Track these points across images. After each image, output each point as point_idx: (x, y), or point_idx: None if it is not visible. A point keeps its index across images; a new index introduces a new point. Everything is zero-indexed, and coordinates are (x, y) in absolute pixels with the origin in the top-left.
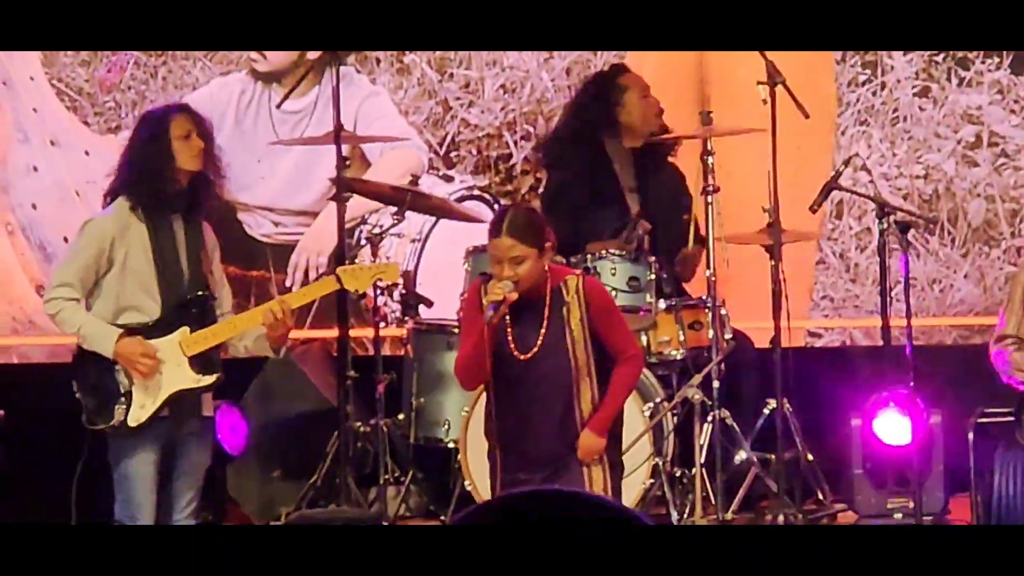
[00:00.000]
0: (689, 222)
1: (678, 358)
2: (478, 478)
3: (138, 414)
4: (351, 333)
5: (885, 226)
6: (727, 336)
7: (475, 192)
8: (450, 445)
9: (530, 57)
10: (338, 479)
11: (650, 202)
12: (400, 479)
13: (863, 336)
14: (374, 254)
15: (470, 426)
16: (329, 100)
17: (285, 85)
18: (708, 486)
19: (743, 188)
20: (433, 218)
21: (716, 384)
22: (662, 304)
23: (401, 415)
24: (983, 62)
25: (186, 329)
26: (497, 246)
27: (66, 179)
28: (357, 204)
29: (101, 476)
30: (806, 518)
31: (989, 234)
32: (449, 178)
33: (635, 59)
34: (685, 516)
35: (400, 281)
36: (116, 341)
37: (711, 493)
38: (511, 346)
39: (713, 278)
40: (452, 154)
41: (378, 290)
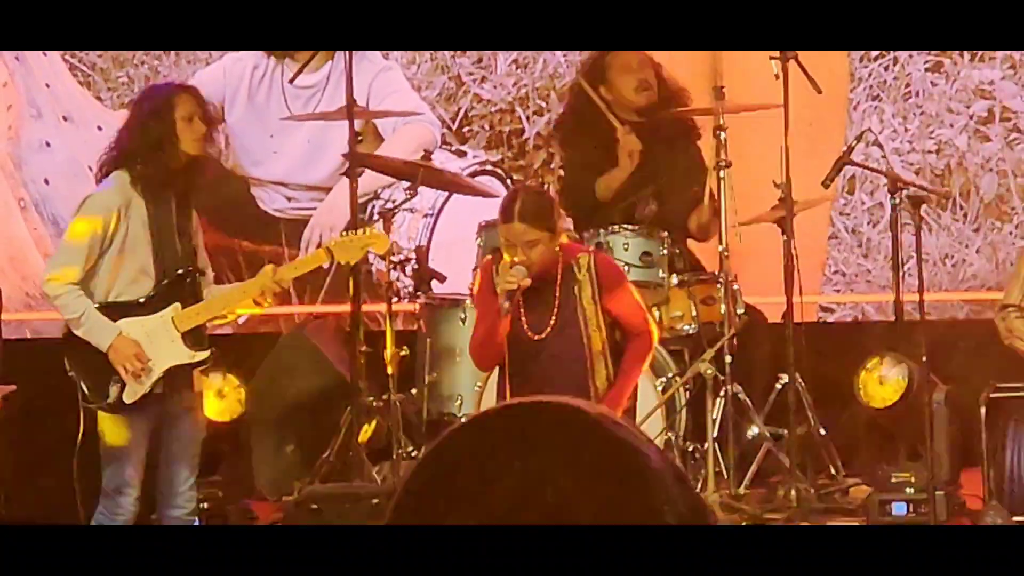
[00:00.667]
0: (701, 194)
1: (691, 333)
2: None
3: (135, 389)
4: (364, 308)
5: (897, 201)
6: (739, 311)
7: (488, 167)
8: (463, 420)
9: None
10: (351, 454)
11: (661, 178)
12: (413, 454)
13: (875, 311)
14: (387, 229)
15: (483, 401)
16: (342, 75)
17: (298, 60)
18: (720, 461)
19: (756, 164)
20: (446, 193)
21: (728, 359)
22: (675, 279)
23: (414, 390)
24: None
25: (178, 305)
26: (509, 231)
27: (79, 154)
28: (370, 179)
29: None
30: (818, 493)
31: (1001, 209)
32: (462, 153)
33: None
34: (697, 491)
35: (413, 256)
36: (113, 339)
37: (723, 468)
38: (524, 326)
39: (726, 253)
40: (465, 129)
41: (391, 265)
